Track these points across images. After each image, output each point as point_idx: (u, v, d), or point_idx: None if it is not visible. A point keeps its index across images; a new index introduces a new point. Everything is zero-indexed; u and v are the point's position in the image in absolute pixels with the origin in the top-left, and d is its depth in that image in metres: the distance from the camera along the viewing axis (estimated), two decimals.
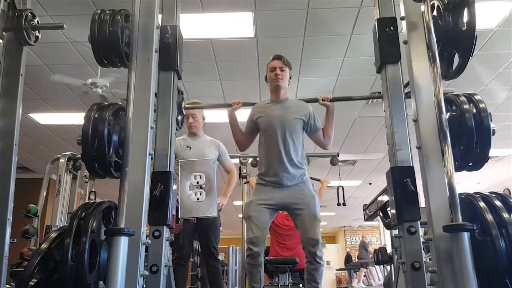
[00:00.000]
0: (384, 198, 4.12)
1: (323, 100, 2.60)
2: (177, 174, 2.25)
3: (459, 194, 1.63)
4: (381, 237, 11.72)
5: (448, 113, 1.85)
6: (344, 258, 14.73)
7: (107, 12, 2.04)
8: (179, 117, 2.34)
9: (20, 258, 3.67)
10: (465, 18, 1.81)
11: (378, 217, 4.50)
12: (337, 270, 15.81)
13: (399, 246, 2.01)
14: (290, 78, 2.76)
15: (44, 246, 1.59)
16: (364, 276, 11.72)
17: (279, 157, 2.59)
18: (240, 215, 5.05)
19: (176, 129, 2.20)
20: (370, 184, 10.31)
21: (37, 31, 2.09)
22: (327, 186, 5.08)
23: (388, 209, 3.00)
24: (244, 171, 4.71)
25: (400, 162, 1.94)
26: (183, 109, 2.37)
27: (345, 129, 6.92)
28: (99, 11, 2.05)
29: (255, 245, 2.51)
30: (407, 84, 2.00)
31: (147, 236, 1.81)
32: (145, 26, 1.96)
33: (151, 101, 1.89)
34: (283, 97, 2.73)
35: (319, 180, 5.01)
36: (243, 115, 2.80)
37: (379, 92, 2.18)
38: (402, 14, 2.02)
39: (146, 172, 1.80)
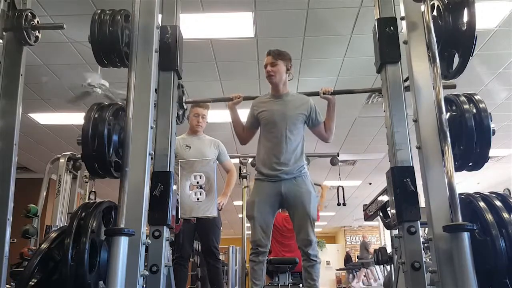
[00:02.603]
0: (384, 198, 4.12)
1: (324, 93, 2.57)
2: (177, 174, 2.25)
3: (459, 194, 1.63)
4: (381, 237, 11.72)
5: (448, 113, 1.85)
6: (344, 258, 14.73)
7: (107, 12, 2.04)
8: (180, 112, 2.33)
9: (20, 258, 3.67)
10: (465, 18, 1.81)
11: (378, 217, 4.50)
12: (337, 270, 15.81)
13: (399, 246, 2.01)
14: (288, 69, 2.69)
15: (44, 246, 1.59)
16: (364, 276, 11.72)
17: (278, 150, 2.58)
18: (240, 215, 5.05)
19: (177, 123, 2.21)
20: (370, 184, 10.31)
21: (37, 31, 2.09)
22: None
23: (388, 209, 3.00)
24: (244, 171, 4.71)
25: (400, 162, 1.94)
26: (183, 104, 2.36)
27: (345, 129, 6.92)
28: (99, 11, 2.05)
29: (261, 246, 2.55)
30: (407, 79, 2.00)
31: (147, 236, 1.81)
32: (145, 26, 1.96)
33: (151, 101, 1.89)
34: (283, 91, 2.70)
35: (319, 185, 5.00)
36: (243, 116, 2.80)
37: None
38: (402, 14, 2.02)
39: (146, 172, 1.80)
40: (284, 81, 2.69)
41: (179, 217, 2.16)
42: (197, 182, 2.21)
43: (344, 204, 5.16)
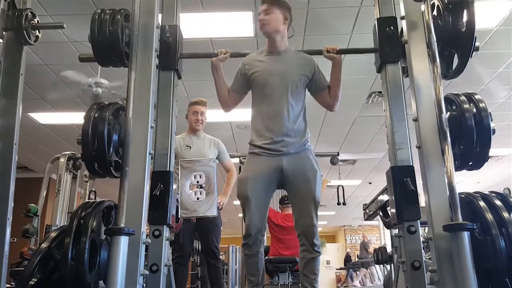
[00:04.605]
0: (384, 197, 4.12)
1: (328, 52, 2.24)
2: (177, 174, 2.25)
3: (459, 194, 1.63)
4: (381, 236, 11.74)
5: (448, 113, 1.85)
6: (344, 258, 14.75)
7: (107, 11, 2.04)
8: None
9: (20, 258, 3.67)
10: (465, 18, 1.82)
11: (378, 217, 4.51)
12: (337, 269, 15.83)
13: (399, 246, 2.02)
14: (287, 19, 2.27)
15: (44, 245, 1.59)
16: (364, 276, 11.73)
17: (278, 119, 2.16)
18: (240, 215, 5.04)
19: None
20: (370, 183, 10.31)
21: (37, 31, 2.09)
22: (327, 186, 5.06)
23: (388, 208, 3.00)
24: None
25: (400, 162, 1.94)
26: None
27: (345, 129, 6.92)
28: (99, 10, 2.05)
29: (255, 231, 2.14)
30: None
31: (147, 235, 1.81)
32: (145, 26, 1.97)
33: (151, 100, 1.89)
34: (281, 47, 2.28)
35: None
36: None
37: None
38: (402, 13, 2.02)
39: (146, 172, 1.80)
40: (282, 33, 2.26)
41: (179, 216, 2.16)
42: (197, 182, 2.21)
43: (344, 204, 5.17)
